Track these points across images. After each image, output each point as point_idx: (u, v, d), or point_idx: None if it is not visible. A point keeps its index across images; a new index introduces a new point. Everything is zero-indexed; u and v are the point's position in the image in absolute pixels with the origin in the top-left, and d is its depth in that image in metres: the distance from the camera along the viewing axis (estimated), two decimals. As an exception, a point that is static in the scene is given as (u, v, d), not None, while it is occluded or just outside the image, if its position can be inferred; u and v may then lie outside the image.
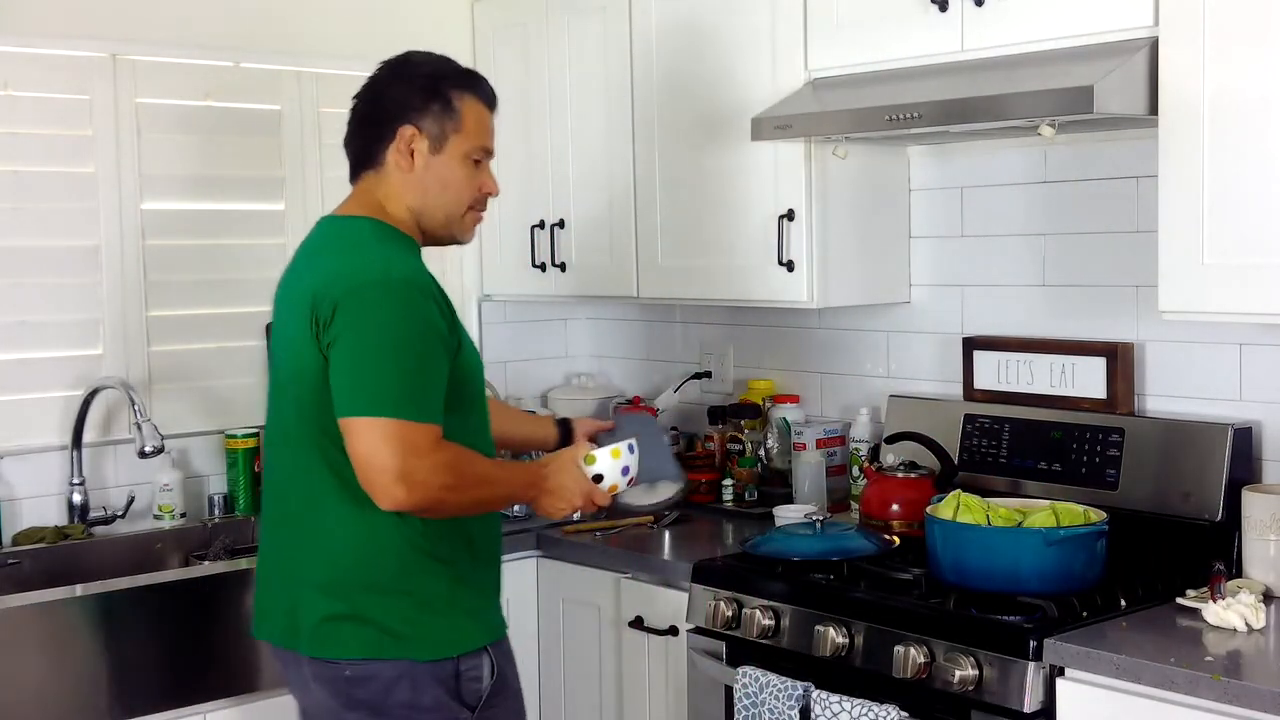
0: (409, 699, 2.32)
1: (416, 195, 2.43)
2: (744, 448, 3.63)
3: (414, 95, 2.41)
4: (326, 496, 2.33)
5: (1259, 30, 2.46)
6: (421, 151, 2.41)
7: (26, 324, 3.37)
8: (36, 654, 2.74)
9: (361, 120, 2.47)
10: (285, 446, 2.41)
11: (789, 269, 3.21)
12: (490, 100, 2.49)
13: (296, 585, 2.38)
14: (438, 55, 2.51)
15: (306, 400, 2.31)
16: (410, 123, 2.40)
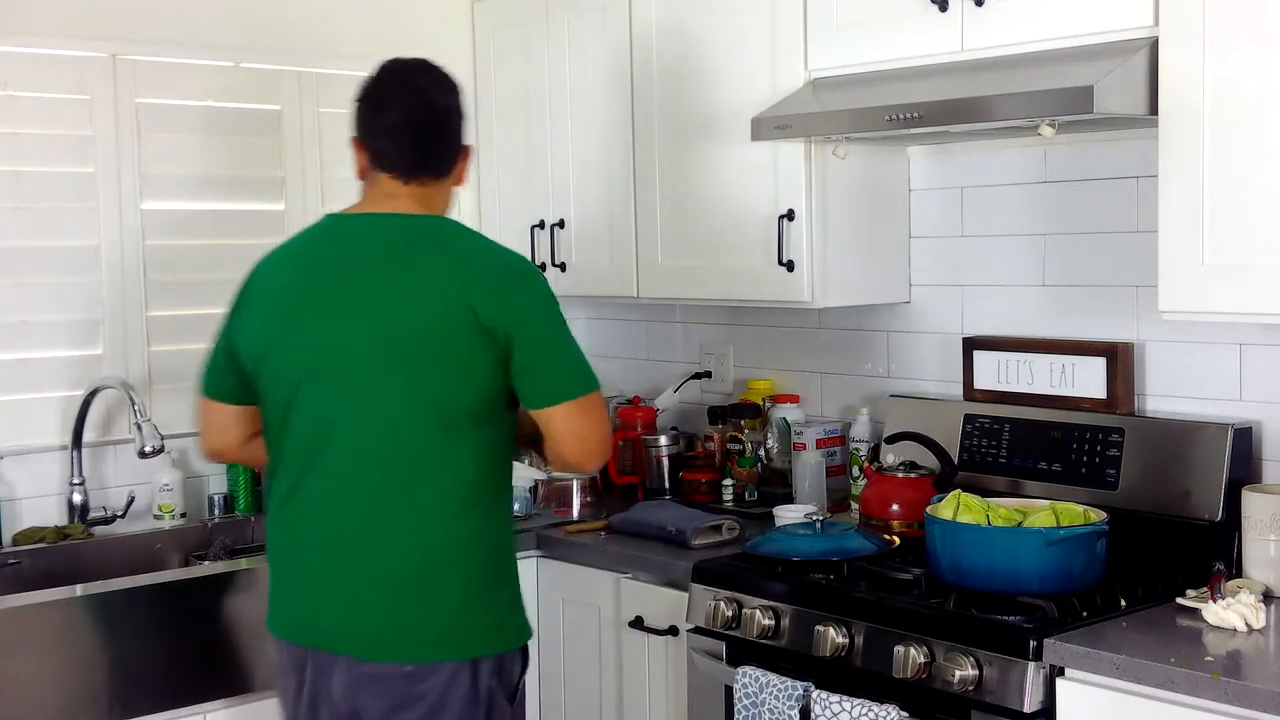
0: (468, 692, 2.36)
1: (445, 208, 2.59)
2: (744, 448, 3.63)
3: (464, 116, 2.54)
4: (430, 496, 2.35)
5: (1259, 30, 2.45)
6: (470, 167, 2.61)
7: (26, 324, 3.37)
8: (36, 654, 2.74)
9: (433, 129, 2.48)
10: (387, 445, 2.35)
11: (789, 269, 3.21)
12: None
13: (368, 585, 2.36)
14: None
15: (450, 398, 2.34)
16: (468, 143, 2.56)
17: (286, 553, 2.46)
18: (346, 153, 3.86)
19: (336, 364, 2.37)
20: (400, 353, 2.34)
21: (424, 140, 2.46)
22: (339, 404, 2.37)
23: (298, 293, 2.43)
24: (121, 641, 2.84)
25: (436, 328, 2.32)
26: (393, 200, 2.47)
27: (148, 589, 2.92)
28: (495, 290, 2.34)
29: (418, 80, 2.48)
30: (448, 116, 2.50)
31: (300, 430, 2.40)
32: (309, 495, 2.40)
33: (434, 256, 2.40)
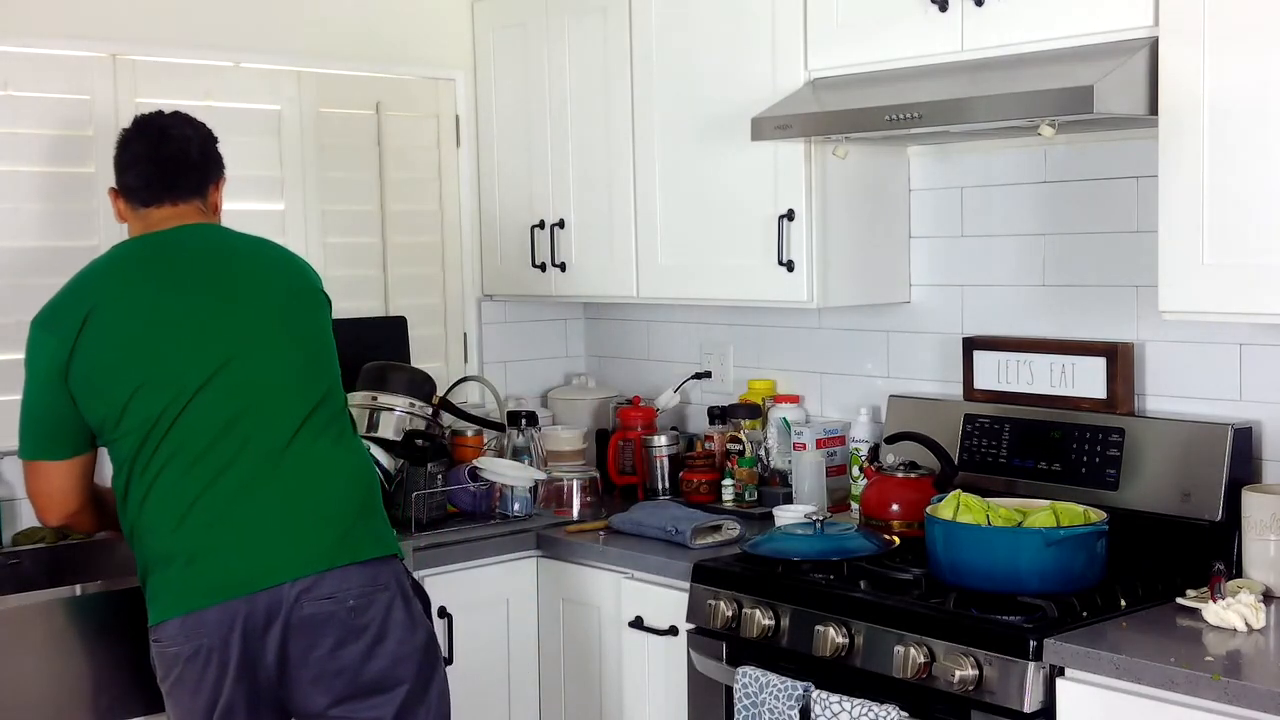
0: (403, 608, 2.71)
1: None
2: (744, 448, 3.63)
3: (217, 154, 2.85)
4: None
5: (1259, 30, 2.45)
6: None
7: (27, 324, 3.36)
8: (36, 654, 2.74)
9: (188, 161, 2.77)
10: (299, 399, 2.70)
11: (789, 269, 3.21)
12: None
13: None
14: None
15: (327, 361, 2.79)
16: (221, 177, 2.86)
17: (212, 531, 2.59)
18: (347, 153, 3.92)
19: (233, 361, 2.63)
20: (280, 329, 2.71)
21: (190, 170, 2.79)
22: (244, 391, 2.63)
23: (153, 313, 2.64)
24: (121, 641, 2.84)
25: (309, 309, 2.79)
26: (190, 213, 2.78)
27: (148, 589, 2.91)
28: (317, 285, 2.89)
29: (188, 130, 2.81)
30: (210, 153, 2.83)
31: (200, 429, 2.60)
32: (240, 473, 2.60)
33: (274, 251, 2.82)
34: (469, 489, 3.51)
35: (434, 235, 4.07)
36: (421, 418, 3.56)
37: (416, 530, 3.36)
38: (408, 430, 3.50)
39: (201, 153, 2.79)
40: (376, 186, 3.94)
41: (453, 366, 4.09)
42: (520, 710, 3.43)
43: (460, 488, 3.51)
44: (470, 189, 4.09)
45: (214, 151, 2.83)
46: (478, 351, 4.11)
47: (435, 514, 3.45)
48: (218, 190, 2.84)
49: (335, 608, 2.59)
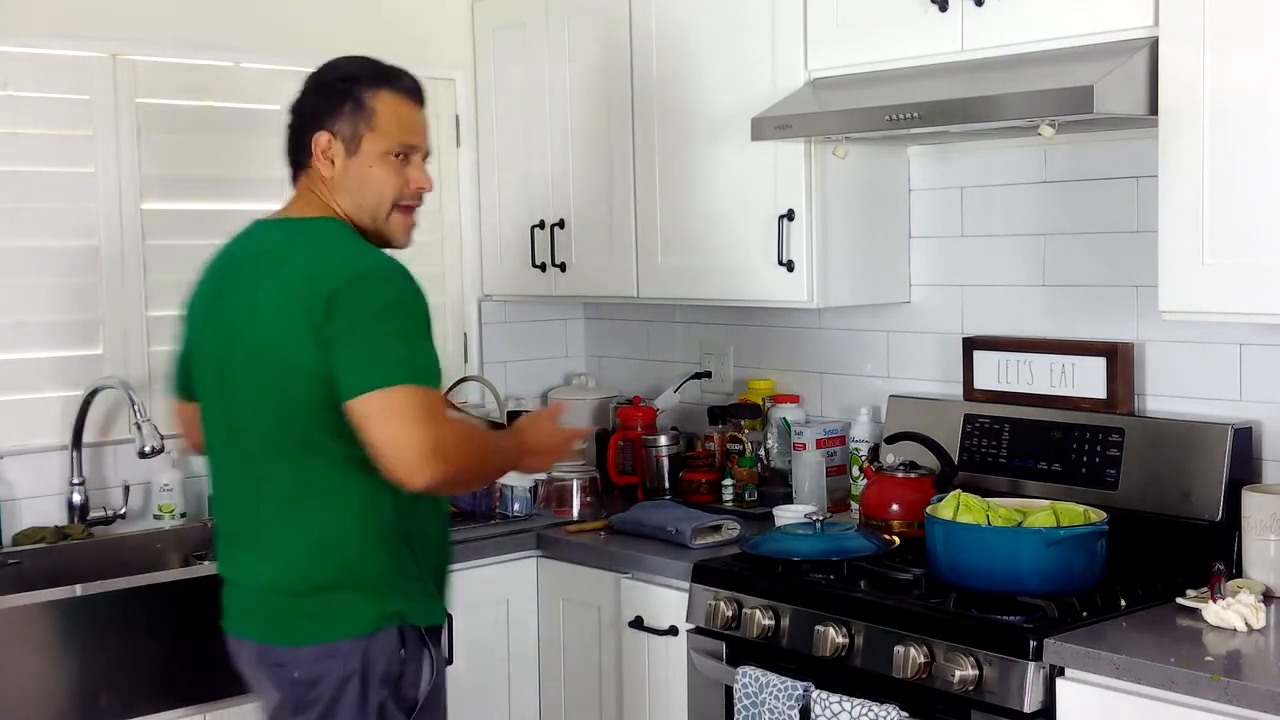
0: None
1: (346, 200, 2.47)
2: (744, 448, 3.63)
3: (327, 99, 2.45)
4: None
5: (1259, 30, 2.45)
6: (339, 156, 2.44)
7: (26, 324, 3.37)
8: (36, 654, 2.74)
9: (290, 133, 2.54)
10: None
11: (789, 269, 3.21)
12: (412, 93, 2.48)
13: None
14: (361, 57, 2.52)
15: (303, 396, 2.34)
16: (324, 128, 2.44)
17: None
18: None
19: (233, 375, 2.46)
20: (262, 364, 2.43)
21: (287, 147, 2.58)
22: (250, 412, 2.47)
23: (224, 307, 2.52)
24: (121, 641, 2.84)
25: (281, 334, 2.43)
26: (290, 204, 2.61)
27: (148, 589, 2.92)
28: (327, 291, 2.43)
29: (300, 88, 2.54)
30: (299, 116, 2.52)
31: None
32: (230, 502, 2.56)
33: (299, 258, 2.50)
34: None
35: (434, 235, 4.06)
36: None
37: (416, 530, 3.35)
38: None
39: (298, 108, 2.51)
40: (376, 186, 3.93)
41: (453, 367, 4.09)
42: (520, 710, 3.43)
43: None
44: (470, 189, 4.09)
45: (311, 102, 2.49)
46: (478, 351, 4.11)
47: (435, 514, 3.45)
48: (319, 151, 2.48)
49: (287, 674, 2.42)
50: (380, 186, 2.45)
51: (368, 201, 2.46)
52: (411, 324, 2.33)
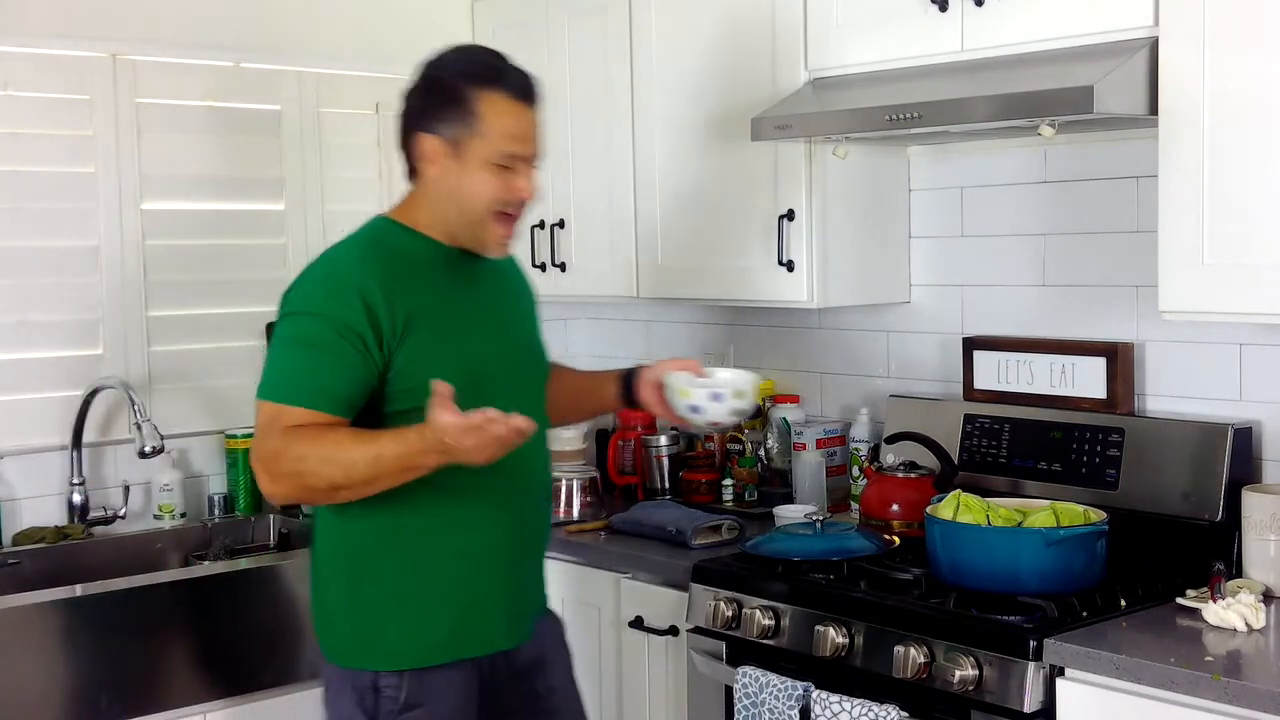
0: None
1: (442, 204, 2.37)
2: (744, 448, 3.63)
3: (432, 100, 2.34)
4: None
5: (1259, 30, 2.45)
6: (443, 161, 2.34)
7: (26, 324, 3.37)
8: (36, 654, 2.74)
9: (400, 128, 2.42)
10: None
11: (789, 269, 3.21)
12: (523, 94, 2.35)
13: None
14: (474, 50, 2.42)
15: None
16: (429, 130, 2.34)
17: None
18: (347, 153, 3.92)
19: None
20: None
21: (399, 140, 2.46)
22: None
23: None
24: (121, 641, 2.84)
25: None
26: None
27: (148, 589, 2.92)
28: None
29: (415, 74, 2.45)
30: (407, 110, 2.41)
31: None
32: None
33: None
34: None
35: (434, 235, 4.07)
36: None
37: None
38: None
39: (406, 104, 2.41)
40: (377, 186, 3.93)
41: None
42: (520, 710, 3.43)
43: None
44: (470, 189, 4.09)
45: (418, 100, 2.38)
46: (478, 351, 4.11)
47: (435, 514, 3.44)
48: (418, 152, 2.37)
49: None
50: (481, 195, 2.33)
51: (464, 209, 2.35)
52: (294, 333, 2.29)
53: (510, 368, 2.46)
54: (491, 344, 2.42)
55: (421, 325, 2.31)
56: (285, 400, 2.24)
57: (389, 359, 2.28)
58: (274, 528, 3.59)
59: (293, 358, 2.28)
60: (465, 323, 2.39)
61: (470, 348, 2.39)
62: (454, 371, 2.26)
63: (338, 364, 2.25)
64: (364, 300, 2.26)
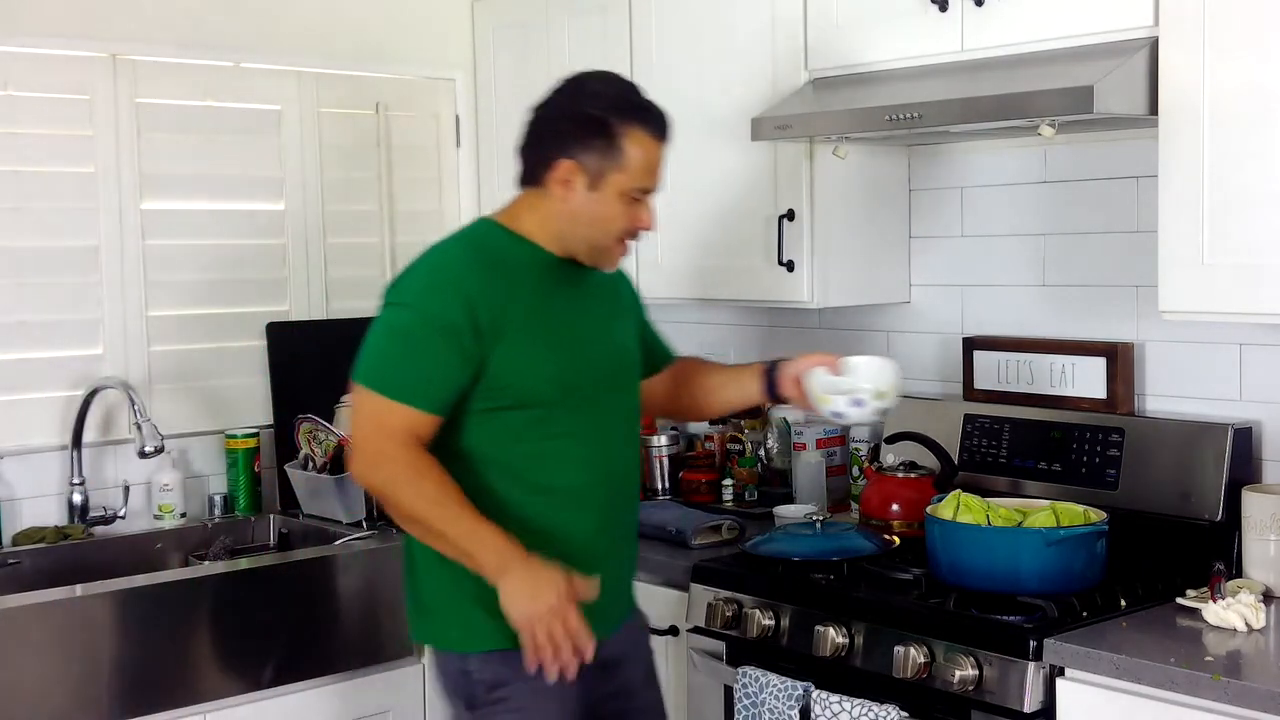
0: None
1: (566, 224, 2.42)
2: (744, 448, 3.63)
3: (579, 128, 2.38)
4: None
5: (1259, 30, 2.45)
6: (578, 186, 2.39)
7: (26, 324, 3.37)
8: (36, 654, 2.74)
9: (532, 138, 2.45)
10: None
11: (789, 269, 3.21)
12: (662, 133, 2.43)
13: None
14: (618, 83, 2.45)
15: None
16: (570, 156, 2.38)
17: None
18: (347, 153, 3.93)
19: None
20: None
21: (523, 149, 2.47)
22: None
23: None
24: (121, 641, 2.84)
25: None
26: (507, 207, 2.52)
27: (148, 589, 2.92)
28: None
29: (556, 90, 2.45)
30: (549, 128, 2.43)
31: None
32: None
33: None
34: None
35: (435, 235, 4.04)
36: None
37: (416, 530, 3.35)
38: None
39: (546, 123, 2.44)
40: (377, 186, 3.94)
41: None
42: (520, 710, 3.43)
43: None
44: (470, 189, 4.09)
45: (562, 125, 2.41)
46: (478, 351, 4.11)
47: (435, 514, 3.44)
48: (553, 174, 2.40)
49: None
50: (609, 223, 2.42)
51: (593, 234, 2.43)
52: (397, 325, 2.36)
53: (603, 378, 2.50)
54: (586, 353, 2.47)
55: (518, 329, 2.37)
56: (386, 392, 2.32)
57: (484, 359, 2.34)
58: (274, 528, 3.59)
59: (394, 349, 2.36)
60: (562, 330, 2.44)
61: (565, 355, 2.43)
62: (546, 377, 2.39)
63: (436, 362, 2.32)
64: (464, 300, 2.33)
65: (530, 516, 2.40)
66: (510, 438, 2.39)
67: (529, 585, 2.29)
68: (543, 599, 2.29)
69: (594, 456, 2.46)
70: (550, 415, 2.40)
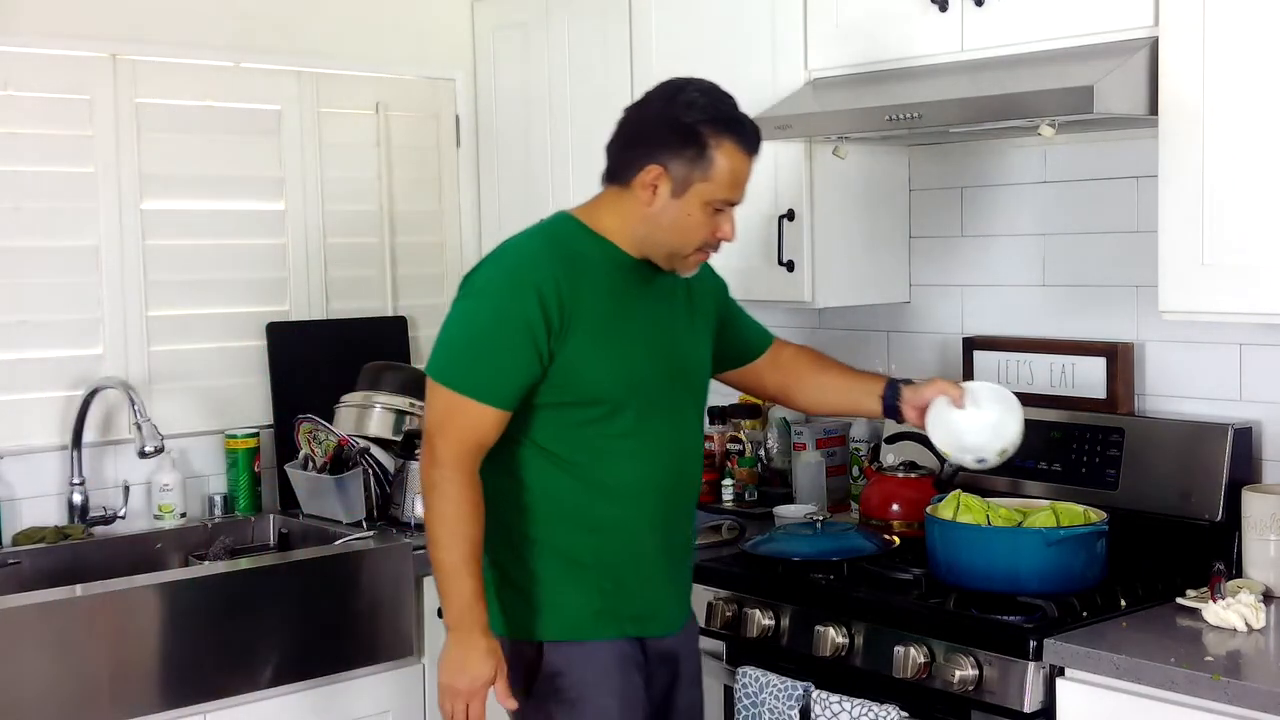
0: None
1: (647, 227, 2.42)
2: (744, 448, 3.63)
3: (672, 134, 2.38)
4: None
5: (1259, 30, 2.45)
6: (663, 192, 2.38)
7: (26, 324, 3.37)
8: (36, 654, 2.74)
9: (623, 139, 2.46)
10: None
11: (789, 269, 3.21)
12: (752, 146, 2.44)
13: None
14: (715, 93, 2.43)
15: None
16: (659, 162, 2.37)
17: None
18: (347, 153, 3.93)
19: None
20: None
21: (613, 147, 2.47)
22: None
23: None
24: (121, 641, 2.84)
25: None
26: (588, 203, 2.52)
27: (148, 589, 2.91)
28: None
29: (651, 94, 2.47)
30: (641, 131, 2.43)
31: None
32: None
33: None
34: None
35: (434, 235, 4.07)
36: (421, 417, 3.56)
37: (416, 530, 3.36)
38: (407, 430, 3.50)
39: (639, 127, 2.46)
40: (377, 186, 3.94)
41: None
42: (520, 710, 3.43)
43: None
44: (470, 189, 4.10)
45: (656, 131, 2.40)
46: (478, 351, 4.11)
47: (435, 514, 3.44)
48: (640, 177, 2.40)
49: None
50: (691, 232, 2.41)
51: (673, 241, 2.43)
52: (473, 319, 2.38)
53: (668, 381, 2.49)
54: (652, 356, 2.47)
55: (588, 327, 2.38)
56: (458, 387, 2.35)
57: (553, 354, 2.36)
58: (274, 528, 3.58)
59: (469, 345, 2.38)
60: (630, 331, 2.44)
61: (631, 356, 2.43)
62: (611, 376, 2.40)
63: (511, 358, 2.34)
64: (539, 295, 2.34)
65: (584, 510, 2.43)
66: (571, 433, 2.41)
67: (461, 658, 2.36)
68: (464, 676, 2.35)
69: (652, 456, 2.46)
70: (612, 414, 2.41)
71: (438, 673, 2.40)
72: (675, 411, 2.50)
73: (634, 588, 2.47)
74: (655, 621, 2.51)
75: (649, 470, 2.45)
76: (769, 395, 2.90)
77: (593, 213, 2.48)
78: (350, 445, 3.45)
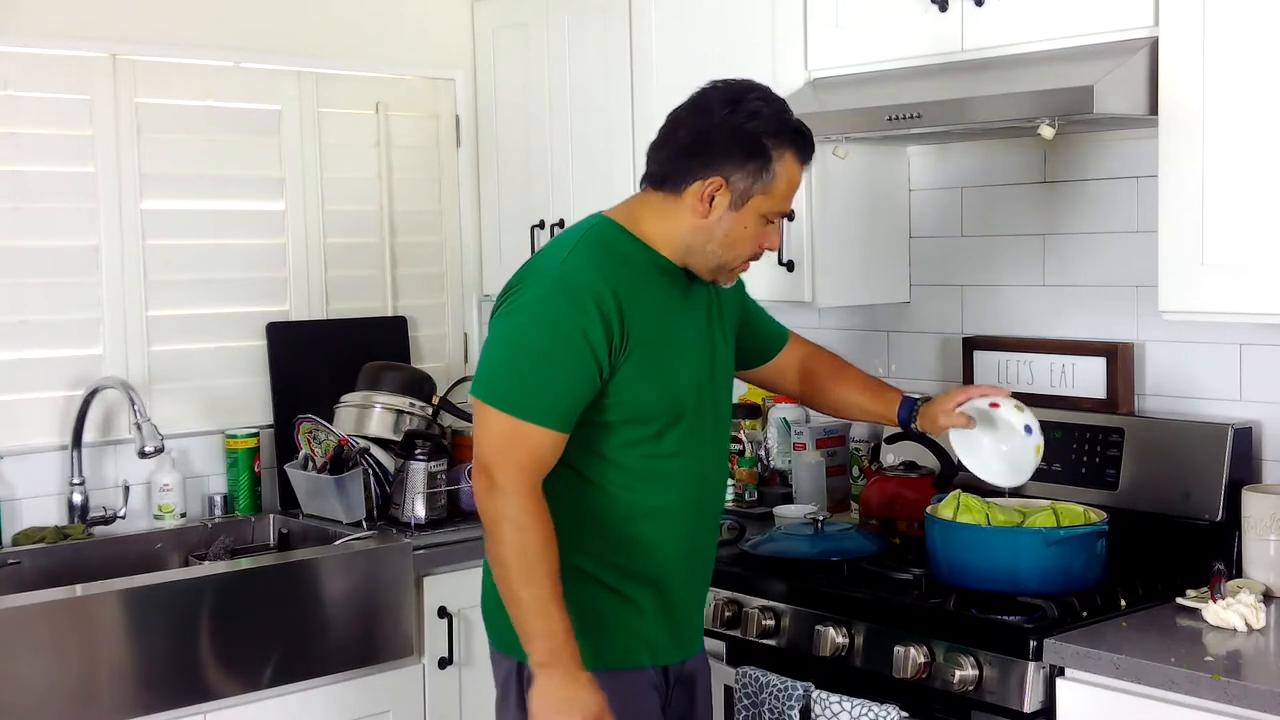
0: None
1: (698, 239, 2.31)
2: (744, 448, 3.63)
3: (739, 146, 2.27)
4: None
5: (1259, 30, 2.45)
6: (720, 204, 2.28)
7: (26, 324, 3.37)
8: (36, 654, 2.74)
9: (679, 145, 2.32)
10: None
11: (789, 269, 3.21)
12: (808, 158, 2.35)
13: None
14: (775, 101, 2.34)
15: None
16: (721, 174, 2.27)
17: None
18: (347, 153, 3.93)
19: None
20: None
21: (664, 153, 2.35)
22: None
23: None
24: (121, 641, 2.84)
25: None
26: (625, 204, 2.42)
27: (148, 589, 2.91)
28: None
29: (708, 98, 2.34)
30: (704, 140, 2.29)
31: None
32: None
33: None
34: (469, 489, 3.51)
35: (434, 235, 4.07)
36: (421, 417, 3.57)
37: (416, 530, 3.36)
38: (407, 430, 3.51)
39: (699, 135, 2.32)
40: (377, 186, 3.94)
41: (453, 366, 4.09)
42: (520, 710, 3.43)
43: (461, 487, 3.51)
44: (470, 189, 4.10)
45: (719, 141, 2.28)
46: (478, 351, 4.11)
47: (436, 514, 3.44)
48: (703, 192, 2.29)
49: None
50: (743, 244, 2.32)
51: (724, 253, 2.32)
52: (526, 337, 2.22)
53: (706, 394, 2.40)
54: (699, 369, 2.38)
55: (644, 341, 2.26)
56: (515, 411, 2.19)
57: (614, 369, 2.24)
58: (274, 528, 3.58)
59: (523, 364, 2.21)
60: (678, 343, 2.33)
61: (681, 371, 2.34)
62: (664, 392, 2.30)
63: (570, 377, 2.20)
64: (600, 308, 2.20)
65: (619, 534, 2.31)
66: (615, 454, 2.29)
67: (570, 696, 2.18)
68: (576, 716, 2.18)
69: (691, 474, 2.36)
70: (661, 433, 2.30)
71: (533, 712, 2.20)
72: (708, 424, 2.38)
73: (661, 614, 2.36)
74: (681, 648, 2.41)
75: (688, 491, 2.34)
76: (789, 395, 2.88)
77: (633, 216, 2.34)
78: (350, 445, 3.45)
